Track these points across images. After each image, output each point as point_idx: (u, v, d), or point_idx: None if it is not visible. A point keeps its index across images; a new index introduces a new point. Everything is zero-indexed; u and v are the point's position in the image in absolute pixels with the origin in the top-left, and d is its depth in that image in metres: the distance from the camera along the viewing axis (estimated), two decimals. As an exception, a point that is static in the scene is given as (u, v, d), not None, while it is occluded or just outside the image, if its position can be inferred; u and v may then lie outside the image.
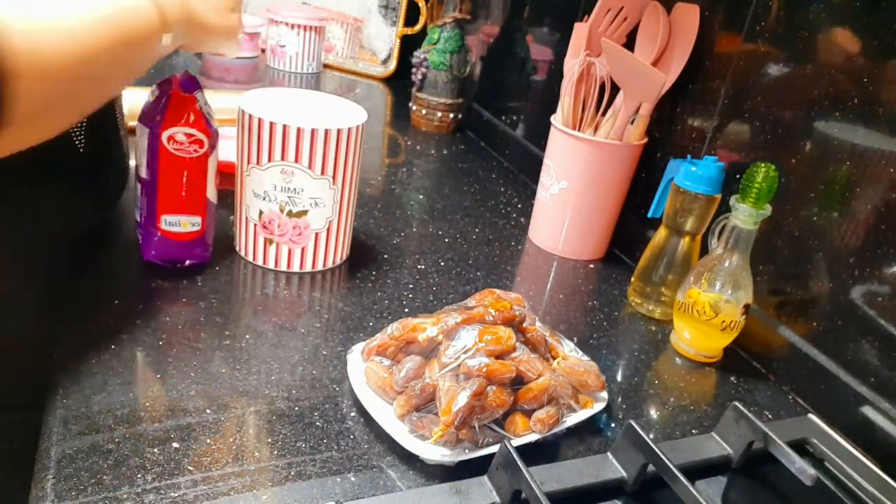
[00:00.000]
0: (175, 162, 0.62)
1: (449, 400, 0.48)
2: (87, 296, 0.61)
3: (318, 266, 0.71)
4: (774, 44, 0.68)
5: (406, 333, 0.54)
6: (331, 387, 0.56)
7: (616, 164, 0.81)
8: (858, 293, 0.60)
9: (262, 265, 0.71)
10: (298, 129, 0.63)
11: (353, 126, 0.66)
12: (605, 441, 0.55)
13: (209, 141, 0.63)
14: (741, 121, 0.72)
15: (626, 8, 0.82)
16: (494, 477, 0.46)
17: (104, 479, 0.43)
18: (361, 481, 0.47)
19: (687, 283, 0.68)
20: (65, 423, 0.47)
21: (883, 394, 0.58)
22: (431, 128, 1.27)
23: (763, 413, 0.63)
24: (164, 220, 0.64)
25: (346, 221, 0.72)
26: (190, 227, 0.65)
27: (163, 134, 0.61)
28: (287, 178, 0.65)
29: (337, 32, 1.55)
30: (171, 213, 0.64)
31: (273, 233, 0.68)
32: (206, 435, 0.48)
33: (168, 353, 0.56)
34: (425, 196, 0.98)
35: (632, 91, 0.78)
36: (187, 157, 0.62)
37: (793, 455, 0.48)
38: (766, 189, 0.61)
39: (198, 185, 0.64)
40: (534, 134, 1.12)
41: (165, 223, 0.64)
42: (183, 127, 0.61)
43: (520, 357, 0.52)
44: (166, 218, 0.64)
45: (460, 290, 0.73)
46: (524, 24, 1.16)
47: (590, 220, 0.84)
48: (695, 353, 0.69)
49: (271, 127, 0.63)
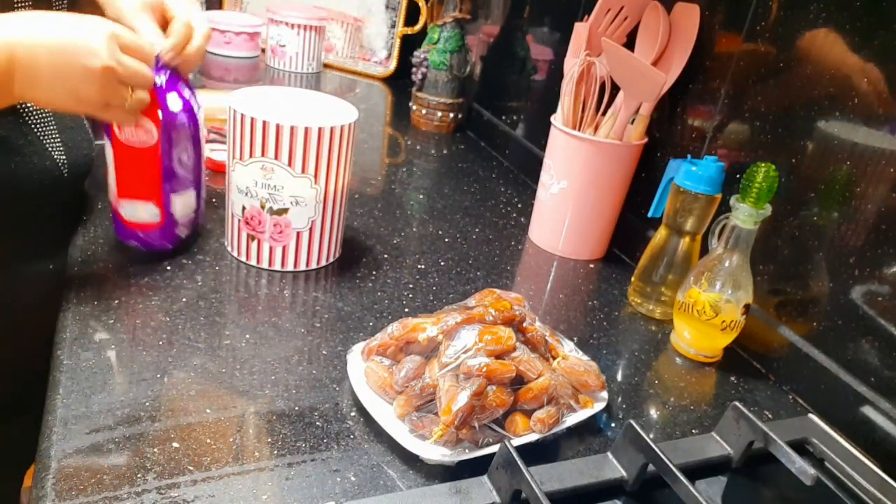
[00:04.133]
0: (125, 150, 0.63)
1: (449, 400, 0.48)
2: (87, 295, 0.61)
3: (301, 266, 0.71)
4: (774, 44, 0.68)
5: (406, 333, 0.54)
6: (331, 387, 0.56)
7: (616, 164, 0.81)
8: (858, 293, 0.60)
9: (246, 261, 0.71)
10: (277, 125, 0.63)
11: (337, 125, 0.65)
12: (605, 441, 0.55)
13: (160, 132, 0.62)
14: (741, 121, 0.72)
15: (627, 8, 0.82)
16: (494, 477, 0.46)
17: (104, 479, 0.43)
18: (361, 481, 0.47)
19: (687, 282, 0.68)
20: (65, 423, 0.47)
21: (883, 394, 0.58)
22: (431, 127, 1.27)
23: (763, 413, 0.63)
24: (121, 205, 0.66)
25: (333, 222, 0.71)
26: (147, 216, 0.66)
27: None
28: (267, 174, 0.65)
29: (337, 32, 1.55)
30: (127, 199, 0.66)
31: (255, 229, 0.69)
32: (206, 435, 0.48)
33: (168, 353, 0.56)
34: (425, 196, 0.98)
35: (632, 91, 0.78)
36: (137, 146, 0.63)
37: (793, 455, 0.48)
38: (766, 189, 0.61)
39: (151, 174, 0.65)
40: (534, 134, 1.12)
41: (122, 208, 0.66)
42: None
43: (520, 357, 0.52)
44: (123, 202, 0.66)
45: (460, 290, 0.73)
46: (524, 24, 1.16)
47: (590, 220, 0.84)
48: (695, 352, 0.69)
49: (252, 123, 0.63)
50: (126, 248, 0.69)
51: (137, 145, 0.63)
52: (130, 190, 0.65)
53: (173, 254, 0.69)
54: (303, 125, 0.63)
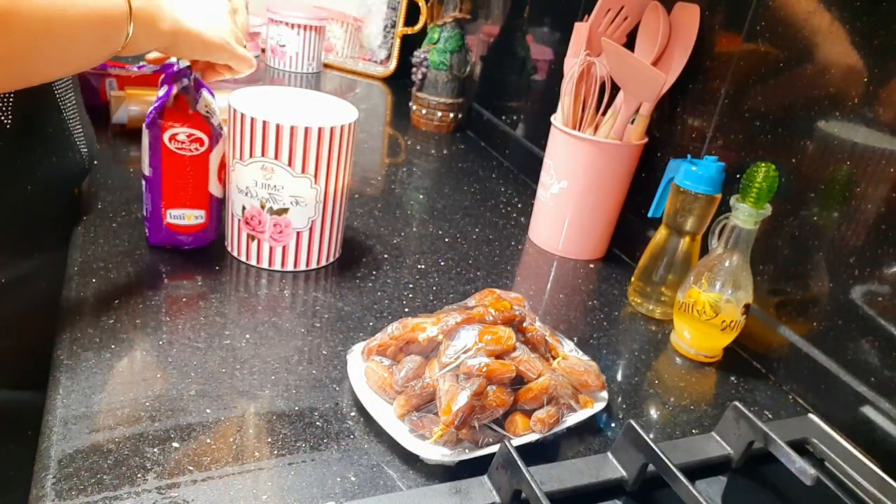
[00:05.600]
0: (177, 160, 0.65)
1: (449, 400, 0.48)
2: (86, 295, 0.61)
3: (301, 266, 0.71)
4: (774, 44, 0.68)
5: (406, 333, 0.54)
6: (331, 387, 0.56)
7: (616, 164, 0.81)
8: (858, 293, 0.60)
9: (246, 261, 0.71)
10: (277, 125, 0.63)
11: (337, 125, 0.65)
12: (605, 441, 0.55)
13: (210, 140, 0.65)
14: (741, 121, 0.72)
15: (627, 7, 0.82)
16: (494, 477, 0.46)
17: (104, 479, 0.43)
18: (361, 481, 0.47)
19: (687, 282, 0.68)
20: (65, 423, 0.47)
21: (883, 394, 0.58)
22: (431, 127, 1.27)
23: (763, 413, 0.63)
24: (168, 214, 0.67)
25: (333, 222, 0.71)
26: (194, 220, 0.68)
27: (164, 134, 0.63)
28: (267, 174, 0.65)
29: (337, 32, 1.55)
30: (176, 208, 0.67)
31: (255, 229, 0.69)
32: (206, 435, 0.48)
33: (168, 353, 0.56)
34: (425, 196, 0.98)
35: (632, 91, 0.78)
36: (188, 155, 0.65)
37: (793, 455, 0.48)
38: (766, 189, 0.61)
39: (200, 180, 0.67)
40: (534, 134, 1.12)
41: (170, 217, 0.67)
42: (184, 127, 0.63)
43: (520, 357, 0.52)
44: (171, 212, 0.67)
45: (460, 290, 0.73)
46: (524, 24, 1.16)
47: (590, 220, 0.84)
48: (695, 352, 0.69)
49: (252, 122, 0.64)
50: (126, 247, 0.69)
51: (191, 154, 0.65)
52: (180, 198, 0.67)
53: (173, 254, 0.69)
54: (303, 125, 0.63)
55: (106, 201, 0.77)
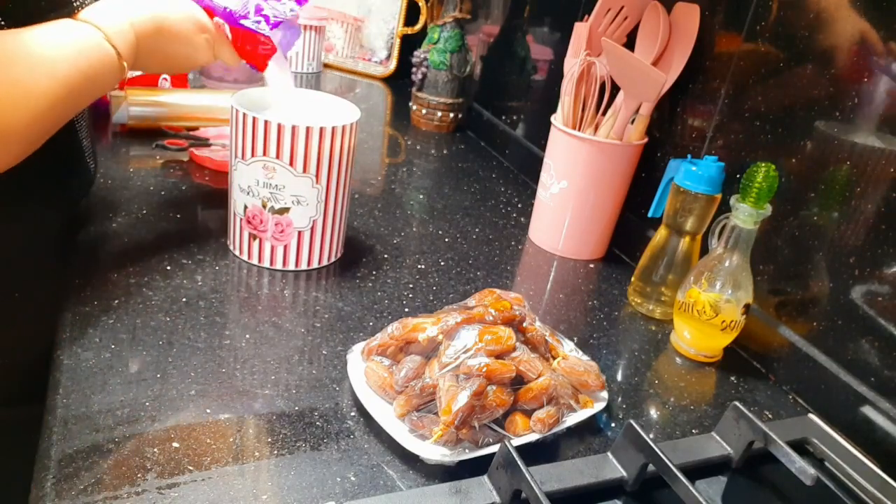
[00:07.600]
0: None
1: (449, 400, 0.48)
2: (87, 295, 0.61)
3: (303, 265, 0.71)
4: (774, 44, 0.68)
5: (406, 333, 0.54)
6: (331, 387, 0.56)
7: (616, 164, 0.81)
8: (858, 293, 0.60)
9: (248, 260, 0.71)
10: (279, 125, 0.63)
11: (339, 125, 0.65)
12: (605, 441, 0.55)
13: None
14: (741, 121, 0.72)
15: (627, 7, 0.82)
16: (494, 477, 0.46)
17: (104, 479, 0.43)
18: (361, 481, 0.47)
19: (687, 282, 0.68)
20: (65, 423, 0.47)
21: (883, 394, 0.58)
22: (431, 127, 1.27)
23: (763, 413, 0.63)
24: None
25: (335, 222, 0.71)
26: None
27: None
28: (269, 173, 0.65)
29: (337, 32, 1.55)
30: None
31: (257, 228, 0.69)
32: (206, 435, 0.48)
33: (168, 353, 0.56)
34: (425, 196, 0.98)
35: (632, 91, 0.78)
36: None
37: (793, 455, 0.48)
38: (766, 189, 0.61)
39: None
40: (534, 134, 1.12)
41: None
42: None
43: (520, 357, 0.52)
44: None
45: (460, 290, 0.73)
46: (524, 24, 1.16)
47: (590, 220, 0.84)
48: (695, 352, 0.69)
49: (254, 122, 0.64)
50: (126, 248, 0.69)
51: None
52: None
53: (173, 253, 0.69)
54: (304, 125, 0.63)
55: (106, 201, 0.77)
